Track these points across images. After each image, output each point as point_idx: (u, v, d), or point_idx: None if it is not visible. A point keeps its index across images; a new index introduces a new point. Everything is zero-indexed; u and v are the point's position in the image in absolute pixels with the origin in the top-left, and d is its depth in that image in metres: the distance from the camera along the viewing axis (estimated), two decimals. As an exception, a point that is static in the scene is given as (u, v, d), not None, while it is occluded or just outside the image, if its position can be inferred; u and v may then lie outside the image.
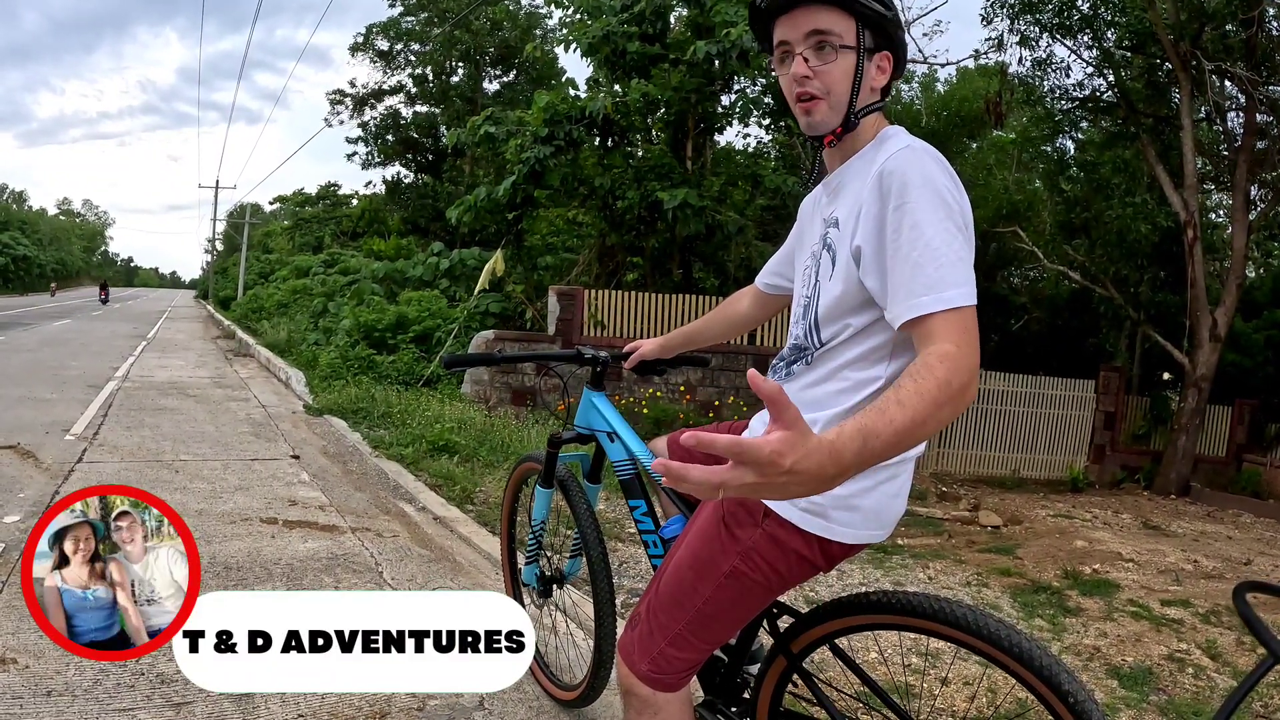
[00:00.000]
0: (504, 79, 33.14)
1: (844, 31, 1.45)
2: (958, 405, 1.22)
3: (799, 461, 1.03)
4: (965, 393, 1.23)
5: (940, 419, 1.21)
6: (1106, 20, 13.46)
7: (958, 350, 1.25)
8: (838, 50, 1.45)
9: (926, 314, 1.29)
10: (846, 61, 1.46)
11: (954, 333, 1.27)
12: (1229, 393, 14.17)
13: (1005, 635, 1.42)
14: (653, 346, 2.39)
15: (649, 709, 1.67)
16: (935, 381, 1.20)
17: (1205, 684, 4.06)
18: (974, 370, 1.25)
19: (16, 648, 2.85)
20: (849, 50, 1.45)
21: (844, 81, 1.46)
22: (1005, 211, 16.97)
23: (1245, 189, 12.93)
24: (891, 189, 1.36)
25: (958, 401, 1.22)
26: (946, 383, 1.21)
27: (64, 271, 77.02)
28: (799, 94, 1.49)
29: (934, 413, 1.19)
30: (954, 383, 1.21)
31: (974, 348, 1.27)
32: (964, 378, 1.23)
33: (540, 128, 12.02)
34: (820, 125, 1.50)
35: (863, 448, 1.12)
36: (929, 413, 1.19)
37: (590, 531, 2.40)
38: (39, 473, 5.48)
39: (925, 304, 1.29)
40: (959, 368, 1.23)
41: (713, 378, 11.02)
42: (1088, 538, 7.62)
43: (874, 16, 1.45)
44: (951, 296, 1.29)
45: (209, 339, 20.80)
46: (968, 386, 1.23)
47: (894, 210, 1.35)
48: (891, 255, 1.35)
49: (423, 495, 5.67)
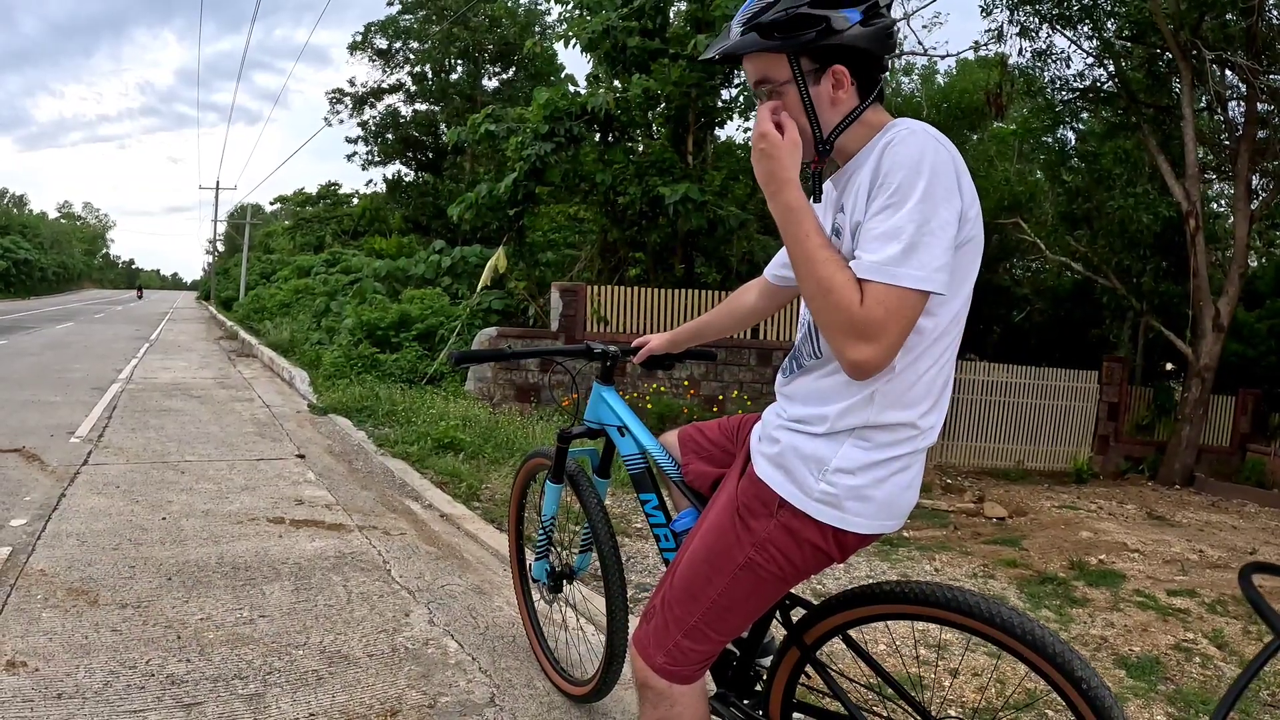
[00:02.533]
0: (503, 76, 33.11)
1: (777, 72, 1.46)
2: (834, 325, 1.32)
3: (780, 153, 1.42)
4: (849, 351, 1.31)
5: (817, 302, 1.34)
6: (1106, 10, 13.44)
7: (866, 311, 1.30)
8: (781, 90, 1.47)
9: (865, 279, 1.31)
10: (793, 97, 1.46)
11: (886, 311, 1.30)
12: (1232, 382, 14.16)
13: (1018, 623, 1.43)
14: (661, 341, 2.39)
15: (665, 701, 1.68)
16: (842, 281, 1.32)
17: (1212, 673, 4.07)
18: (866, 326, 1.29)
19: (26, 650, 2.86)
20: (788, 85, 1.46)
21: (799, 118, 1.47)
22: (1007, 203, 16.96)
23: (1247, 178, 12.90)
24: (883, 167, 1.36)
25: (833, 319, 1.32)
26: (849, 324, 1.30)
27: (65, 274, 76.98)
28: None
29: (822, 303, 1.33)
30: (855, 322, 1.30)
31: (891, 336, 1.30)
32: (862, 353, 1.31)
33: (541, 124, 12.01)
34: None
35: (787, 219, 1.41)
36: (818, 279, 1.34)
37: (601, 526, 2.41)
38: (45, 476, 5.48)
39: (867, 267, 1.31)
40: (860, 313, 1.30)
41: (717, 372, 11.02)
42: (1093, 528, 7.62)
43: (794, 44, 1.43)
44: (897, 273, 1.29)
45: (212, 340, 20.81)
46: (863, 361, 1.31)
47: (880, 186, 1.35)
48: (868, 219, 1.36)
49: (429, 493, 5.67)
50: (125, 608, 3.29)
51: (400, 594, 3.66)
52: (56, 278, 71.35)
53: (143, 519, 4.57)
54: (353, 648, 3.05)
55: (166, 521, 4.55)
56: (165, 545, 4.13)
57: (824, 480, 1.48)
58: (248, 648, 2.99)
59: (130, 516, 4.60)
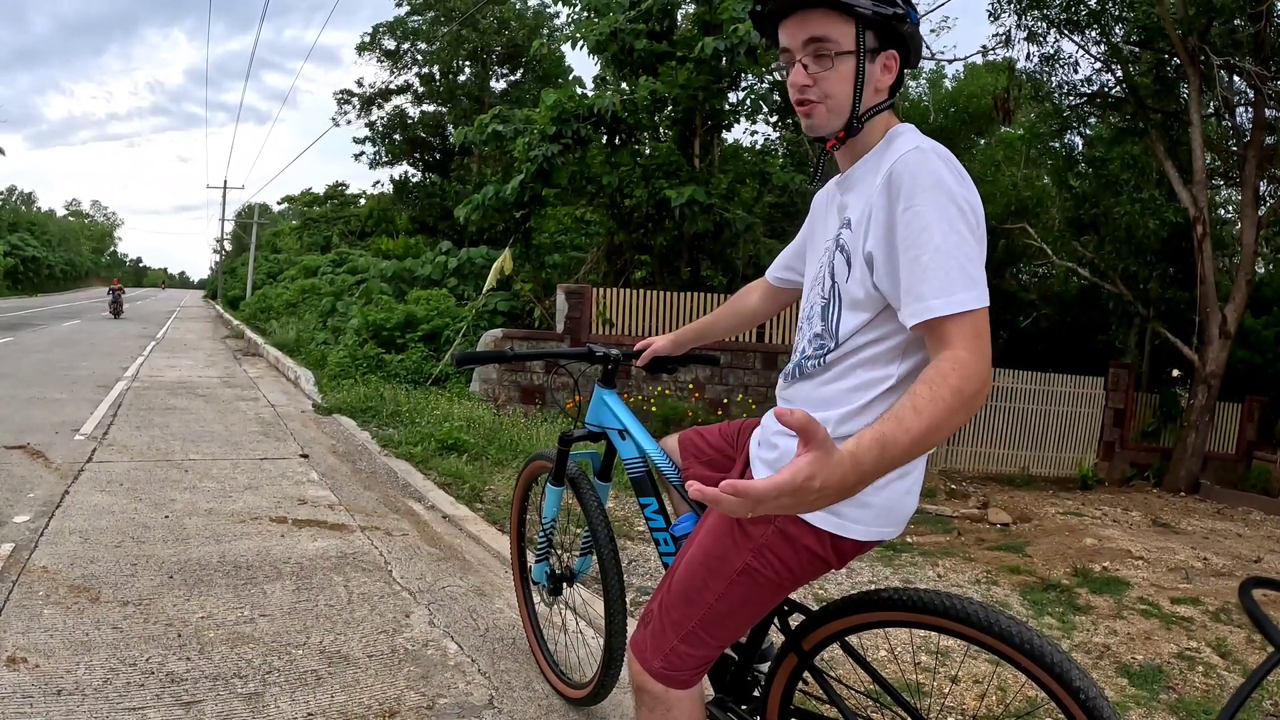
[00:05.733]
0: (511, 78, 33.18)
1: (842, 36, 1.43)
2: (971, 409, 1.24)
3: (827, 477, 1.11)
4: (978, 398, 1.25)
5: (955, 424, 1.23)
6: (1114, 15, 13.39)
7: (970, 356, 1.26)
8: (834, 57, 1.44)
9: (937, 317, 1.29)
10: (846, 67, 1.44)
11: (966, 337, 1.28)
12: (1239, 389, 14.10)
13: (1016, 632, 1.42)
14: (665, 342, 2.39)
15: (661, 706, 1.67)
16: (950, 389, 1.23)
17: (1215, 682, 4.04)
18: (986, 374, 1.26)
19: (27, 647, 2.87)
20: (848, 55, 1.44)
21: (844, 87, 1.45)
22: (1013, 208, 16.91)
23: (1254, 184, 12.84)
24: (900, 191, 1.34)
25: (970, 406, 1.24)
26: (959, 390, 1.23)
27: (73, 272, 77.21)
28: (798, 100, 1.49)
29: (948, 419, 1.22)
30: (966, 389, 1.23)
31: (985, 351, 1.28)
32: (976, 384, 1.25)
33: (548, 126, 12.02)
34: (819, 129, 1.49)
35: (881, 455, 1.18)
36: (944, 419, 1.22)
37: (601, 529, 2.41)
38: (49, 472, 5.50)
39: (936, 307, 1.29)
40: (971, 374, 1.24)
41: (721, 375, 10.99)
42: (1097, 535, 7.59)
43: (874, 18, 1.42)
44: (963, 299, 1.28)
45: (218, 339, 20.86)
46: (980, 391, 1.25)
47: (903, 212, 1.34)
48: (902, 258, 1.34)
49: (432, 494, 5.68)
50: (126, 605, 3.30)
51: (401, 595, 3.67)
52: (64, 275, 71.58)
53: (146, 517, 4.58)
54: (352, 648, 3.06)
55: (169, 520, 4.56)
56: (168, 543, 4.14)
57: (823, 486, 1.47)
58: (248, 647, 2.99)
59: (133, 514, 4.61)
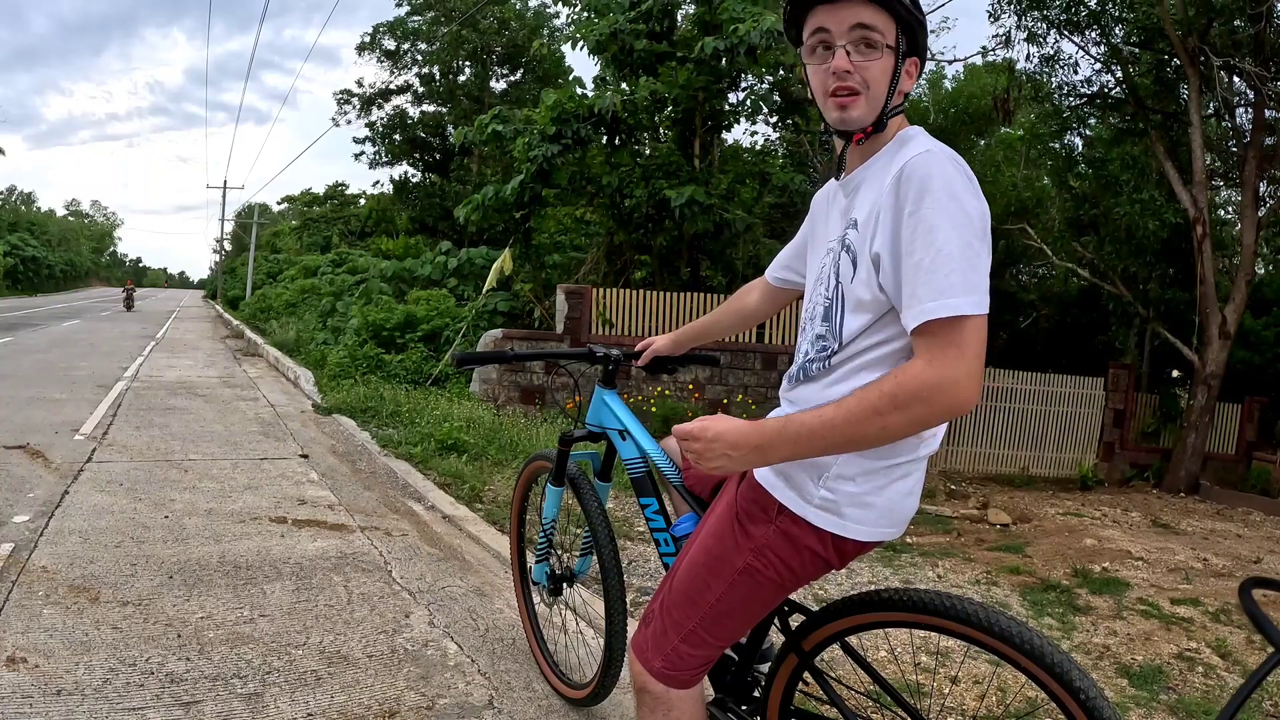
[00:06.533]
0: (511, 78, 33.17)
1: (886, 30, 1.43)
2: (911, 416, 1.28)
3: (720, 428, 1.34)
4: (919, 407, 1.28)
5: (887, 425, 1.29)
6: (1114, 16, 13.39)
7: (924, 365, 1.28)
8: (881, 49, 1.44)
9: (931, 320, 1.29)
10: (886, 60, 1.44)
11: (945, 345, 1.28)
12: (1239, 390, 14.10)
13: (1016, 632, 1.42)
14: (665, 342, 2.39)
15: (662, 706, 1.67)
16: (879, 391, 1.30)
17: (1215, 683, 4.04)
18: (942, 383, 1.27)
19: (26, 647, 2.87)
20: (890, 50, 1.44)
21: (883, 80, 1.45)
22: (1014, 208, 16.89)
23: (1254, 185, 12.84)
24: (909, 194, 1.34)
25: (908, 412, 1.28)
26: (892, 395, 1.28)
27: (73, 272, 77.18)
28: (838, 88, 1.45)
29: (872, 418, 1.29)
30: (901, 395, 1.27)
31: (956, 361, 1.27)
32: (923, 391, 1.27)
33: (548, 126, 12.01)
34: (854, 121, 1.47)
35: (784, 427, 1.34)
36: (866, 417, 1.30)
37: (601, 529, 2.40)
38: (48, 472, 5.50)
39: (931, 310, 1.29)
40: (920, 382, 1.27)
41: (722, 376, 11.00)
42: (1097, 536, 7.60)
43: (910, 21, 1.44)
44: (958, 304, 1.28)
45: (218, 339, 20.85)
46: (929, 400, 1.27)
47: (909, 215, 1.33)
48: (905, 260, 1.34)
49: (431, 494, 5.68)
50: (126, 605, 3.30)
51: (401, 595, 3.67)
52: (64, 275, 71.55)
53: (145, 517, 4.58)
54: (352, 648, 3.05)
55: (169, 520, 4.55)
56: (167, 543, 4.14)
57: (823, 486, 1.48)
58: (247, 647, 2.99)
59: (133, 514, 4.61)
